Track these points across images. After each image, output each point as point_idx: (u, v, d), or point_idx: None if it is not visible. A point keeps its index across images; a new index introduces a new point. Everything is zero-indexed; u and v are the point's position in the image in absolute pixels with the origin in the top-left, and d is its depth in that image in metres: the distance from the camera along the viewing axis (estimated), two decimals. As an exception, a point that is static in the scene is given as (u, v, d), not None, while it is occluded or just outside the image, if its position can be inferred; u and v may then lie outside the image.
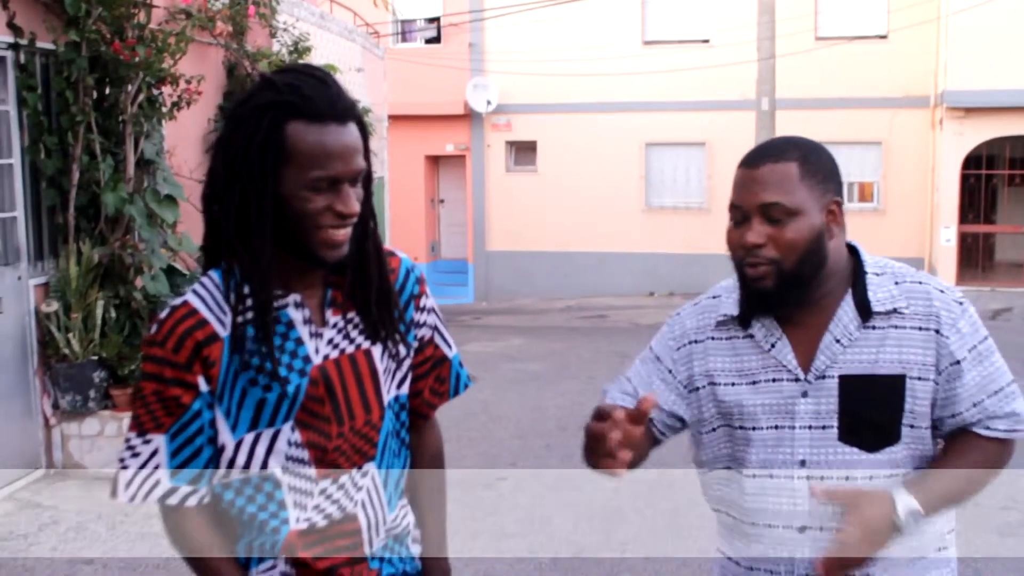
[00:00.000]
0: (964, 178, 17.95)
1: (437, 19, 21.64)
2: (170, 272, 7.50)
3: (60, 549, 5.72)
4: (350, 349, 2.00)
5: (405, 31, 22.08)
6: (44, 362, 6.82)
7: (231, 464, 1.95)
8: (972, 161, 17.96)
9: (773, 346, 2.11)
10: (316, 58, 10.06)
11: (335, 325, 1.99)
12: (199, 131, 8.71)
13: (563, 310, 18.63)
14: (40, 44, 6.65)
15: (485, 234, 21.55)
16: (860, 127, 19.03)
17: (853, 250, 2.14)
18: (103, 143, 6.98)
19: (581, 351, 13.15)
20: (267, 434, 1.94)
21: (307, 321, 1.96)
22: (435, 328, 2.18)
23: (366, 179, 1.94)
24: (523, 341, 14.12)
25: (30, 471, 6.76)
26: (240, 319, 1.90)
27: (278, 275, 1.92)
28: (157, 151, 7.63)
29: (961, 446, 2.09)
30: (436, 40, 21.78)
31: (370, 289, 1.98)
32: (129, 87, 7.06)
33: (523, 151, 21.39)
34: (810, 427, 2.08)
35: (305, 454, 1.96)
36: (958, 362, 2.04)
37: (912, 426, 2.06)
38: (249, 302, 1.90)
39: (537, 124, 20.94)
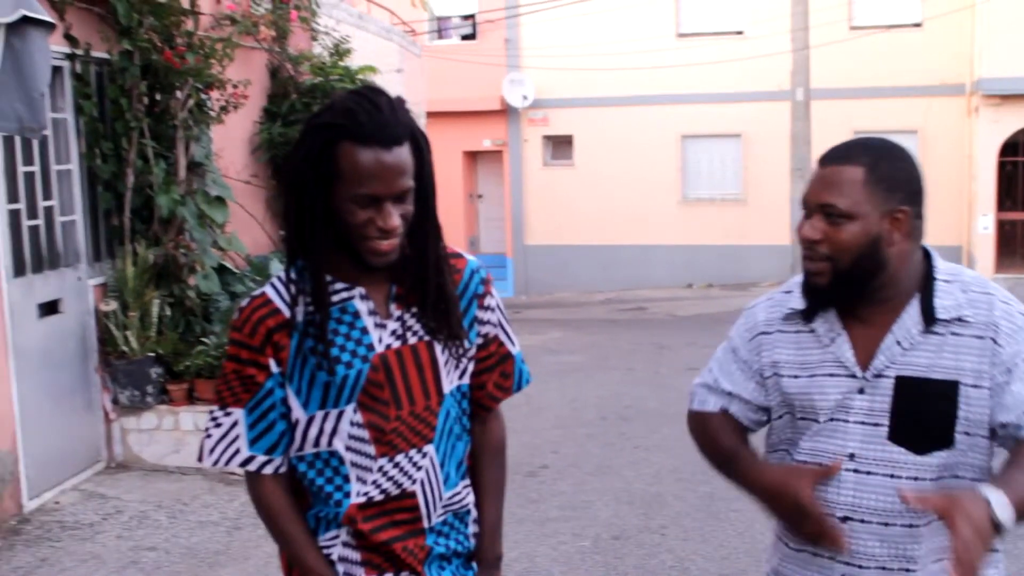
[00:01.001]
0: (1001, 165, 17.90)
1: (473, 16, 21.83)
2: (221, 271, 7.77)
3: (124, 537, 6.00)
4: (412, 340, 2.18)
5: (441, 28, 22.29)
6: (104, 359, 7.09)
7: (304, 438, 2.16)
8: (1008, 148, 17.91)
9: (832, 341, 2.17)
10: (355, 59, 10.28)
11: (398, 318, 2.17)
12: (245, 134, 8.97)
13: (602, 303, 18.79)
14: (95, 54, 6.92)
15: (524, 228, 21.74)
16: (896, 116, 19.03)
17: (928, 255, 2.18)
18: (155, 147, 7.25)
19: (620, 343, 13.33)
20: (333, 413, 2.14)
21: (372, 312, 2.15)
22: (499, 325, 2.34)
23: (422, 194, 2.12)
24: (563, 334, 14.31)
25: (93, 464, 7.04)
26: (305, 310, 2.12)
27: (344, 271, 2.13)
28: (206, 154, 7.89)
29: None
30: (472, 37, 21.97)
31: (428, 295, 2.16)
32: (179, 93, 7.33)
33: (560, 145, 21.54)
34: (863, 423, 2.13)
35: (365, 433, 2.15)
36: (1009, 371, 2.07)
37: (968, 433, 2.09)
38: (310, 296, 2.12)
39: (573, 118, 21.08)
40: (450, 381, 2.23)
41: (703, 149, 20.64)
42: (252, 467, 2.17)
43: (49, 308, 6.65)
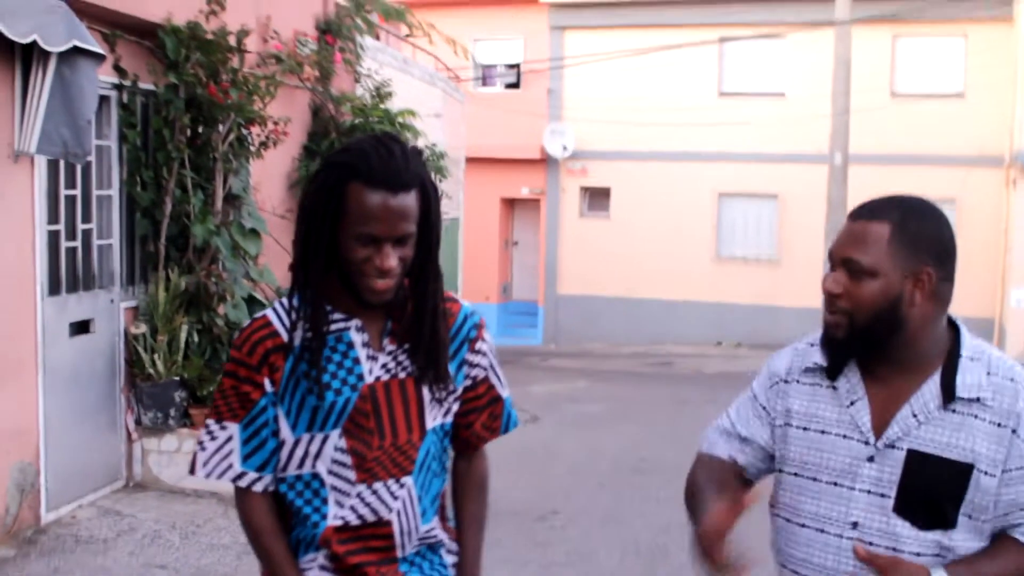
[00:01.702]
0: (1037, 239, 17.87)
1: (517, 65, 22.15)
2: (250, 301, 7.94)
3: (136, 554, 6.14)
4: (401, 375, 2.28)
5: (486, 76, 22.62)
6: (130, 380, 7.27)
7: (289, 459, 2.27)
8: (1046, 222, 17.88)
9: (852, 404, 2.14)
10: (397, 102, 10.51)
11: (390, 352, 2.28)
12: (284, 169, 9.20)
13: (630, 356, 18.86)
14: (142, 85, 7.17)
15: (557, 277, 21.88)
16: (933, 184, 18.99)
17: (955, 328, 2.15)
18: (194, 178, 7.47)
19: (643, 396, 13.39)
20: (319, 437, 2.24)
21: (366, 344, 2.26)
22: (489, 369, 2.44)
23: (426, 241, 2.22)
24: (587, 384, 14.39)
25: (112, 482, 7.20)
26: (302, 336, 2.23)
27: (343, 303, 2.25)
28: (244, 187, 8.10)
29: (1004, 546, 2.08)
30: (516, 86, 22.27)
31: (422, 337, 2.26)
32: (221, 127, 7.55)
33: (597, 197, 21.72)
34: (869, 492, 2.10)
35: (348, 459, 2.24)
36: (1021, 468, 2.05)
37: (970, 516, 2.06)
38: (308, 323, 2.23)
39: (612, 171, 21.27)
40: (433, 418, 2.32)
41: (739, 208, 20.74)
42: (243, 483, 2.27)
43: (80, 327, 6.85)
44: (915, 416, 2.08)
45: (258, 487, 2.28)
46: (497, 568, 6.05)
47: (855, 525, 2.10)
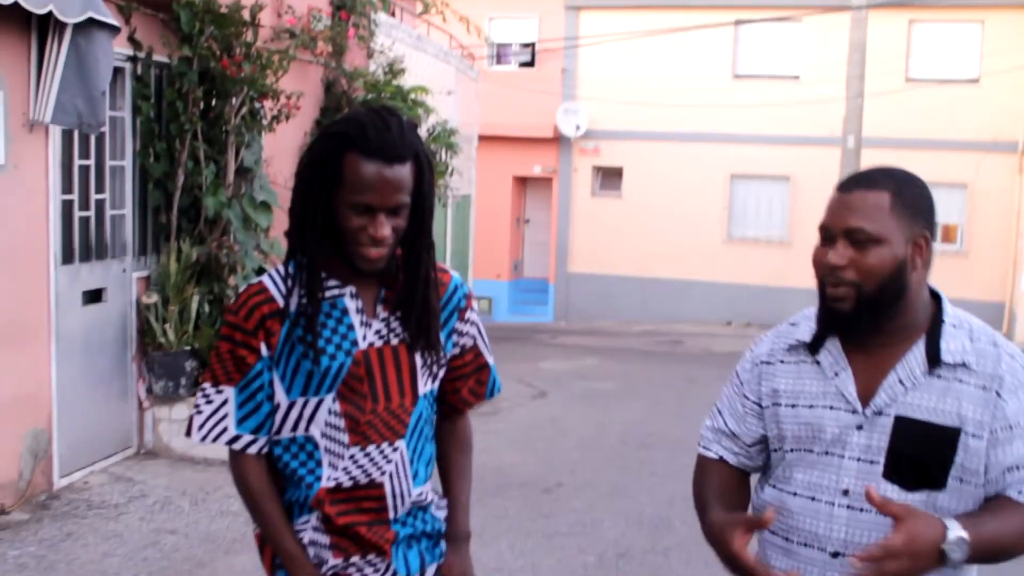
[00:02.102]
0: (1049, 224, 17.87)
1: (532, 44, 22.14)
2: (260, 273, 8.01)
3: (147, 519, 6.24)
4: (394, 341, 2.34)
5: (500, 54, 22.62)
6: (141, 349, 7.37)
7: (283, 422, 2.31)
8: (1059, 208, 17.87)
9: (836, 375, 2.17)
10: (410, 79, 10.56)
11: (383, 319, 2.33)
12: (295, 143, 9.26)
13: (639, 334, 18.91)
14: (156, 57, 7.24)
15: (568, 255, 21.93)
16: (946, 169, 19.03)
17: (937, 298, 2.19)
18: (207, 151, 7.54)
19: (652, 374, 13.46)
20: (313, 401, 2.29)
21: (360, 311, 2.31)
22: (477, 337, 2.52)
23: (419, 212, 2.29)
24: (597, 361, 14.46)
25: (123, 449, 7.31)
26: (298, 302, 2.28)
27: (338, 271, 2.29)
28: (256, 160, 8.18)
29: (997, 504, 2.10)
30: (530, 64, 22.27)
31: (414, 305, 2.32)
32: (233, 100, 7.62)
33: (609, 176, 21.74)
34: (859, 459, 2.13)
35: (341, 422, 2.29)
36: (1010, 427, 2.08)
37: (961, 480, 2.09)
38: (303, 289, 2.28)
39: (624, 151, 21.28)
40: (424, 384, 2.38)
41: (751, 189, 20.75)
42: (238, 446, 2.31)
43: (93, 296, 6.94)
44: (901, 383, 2.11)
45: (252, 450, 2.32)
46: (501, 537, 6.17)
47: (846, 492, 2.13)
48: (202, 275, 7.52)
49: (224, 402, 2.30)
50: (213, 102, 7.59)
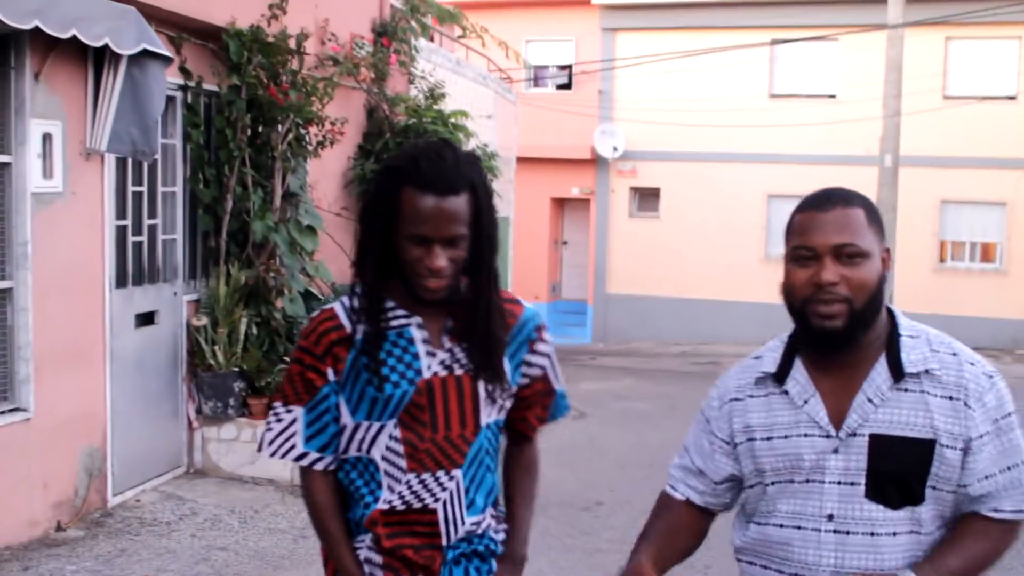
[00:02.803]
0: (1090, 242, 17.76)
1: (569, 66, 22.32)
2: (307, 296, 8.21)
3: (198, 537, 6.41)
4: (458, 372, 2.39)
5: (537, 77, 22.81)
6: (191, 371, 7.56)
7: (348, 442, 2.41)
8: (1100, 226, 17.77)
9: (806, 402, 2.19)
10: (450, 103, 10.74)
11: (449, 350, 2.39)
12: (339, 168, 9.46)
13: (677, 355, 18.95)
14: (205, 86, 7.46)
15: (606, 277, 22.02)
16: (984, 187, 18.98)
17: (890, 313, 2.22)
18: (254, 176, 7.74)
19: (690, 394, 13.48)
20: (376, 425, 2.37)
21: (426, 341, 2.38)
22: (547, 368, 2.55)
23: (478, 243, 2.33)
24: (634, 382, 14.54)
25: (173, 468, 7.49)
26: (364, 329, 2.37)
27: (405, 300, 2.38)
28: (301, 185, 8.37)
29: (968, 528, 2.15)
30: (567, 87, 22.44)
31: (477, 336, 2.38)
32: (280, 127, 7.82)
33: (646, 197, 21.83)
34: (839, 482, 2.14)
35: (401, 448, 2.37)
36: (981, 436, 2.11)
37: (935, 488, 2.12)
38: (365, 318, 2.37)
39: (661, 171, 21.37)
40: (487, 415, 2.43)
41: (788, 209, 20.09)
42: (305, 462, 2.42)
43: (146, 319, 7.14)
44: (870, 401, 2.13)
45: (319, 467, 2.42)
46: (542, 554, 6.27)
47: (830, 517, 2.15)
48: (250, 298, 7.69)
49: (293, 421, 2.41)
50: (260, 129, 7.79)
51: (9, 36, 5.72)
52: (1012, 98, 19.18)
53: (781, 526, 2.20)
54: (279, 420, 2.43)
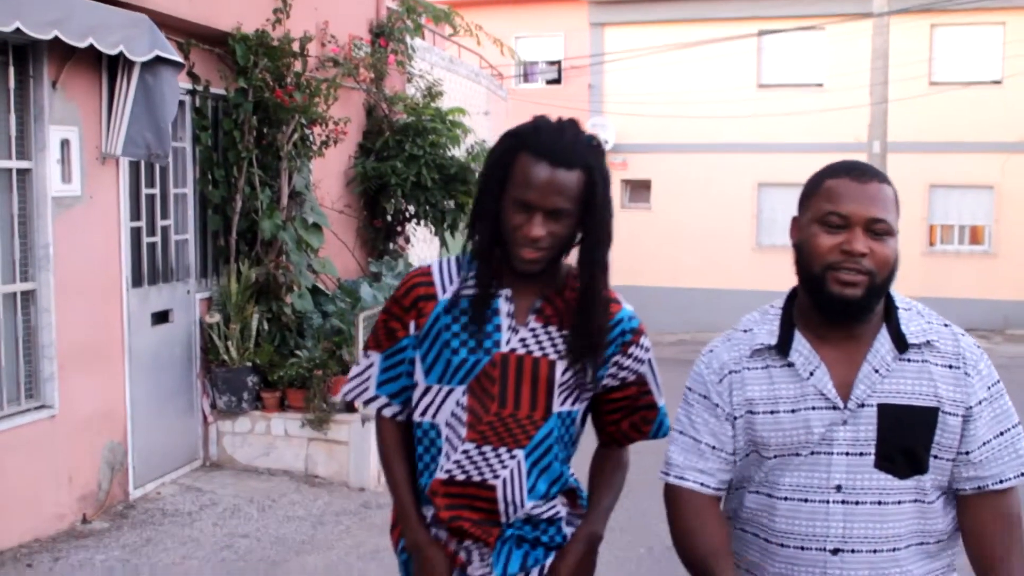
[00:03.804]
0: (1077, 224, 18.04)
1: (558, 62, 22.54)
2: (314, 291, 8.43)
3: (219, 525, 6.62)
4: (537, 353, 2.37)
5: (527, 73, 23.03)
6: (205, 366, 7.77)
7: (417, 404, 2.43)
8: (1086, 207, 18.05)
9: (812, 374, 2.17)
10: (446, 101, 10.94)
11: (532, 329, 2.38)
12: (341, 167, 9.66)
13: (673, 343, 19.18)
14: (213, 90, 7.66)
15: (599, 268, 22.23)
16: (972, 171, 19.26)
17: None
18: (262, 176, 7.95)
19: (684, 380, 13.73)
20: (445, 389, 2.39)
21: (510, 315, 2.38)
22: (642, 375, 2.50)
23: (588, 227, 2.33)
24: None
25: (190, 461, 7.70)
26: (456, 291, 2.40)
27: (500, 272, 2.37)
28: (306, 184, 8.57)
29: (991, 522, 2.18)
30: (557, 81, 22.66)
31: (582, 325, 2.36)
32: (286, 128, 8.02)
33: (638, 189, 22.07)
34: (847, 453, 2.14)
35: (464, 416, 2.37)
36: (979, 402, 2.16)
37: (937, 456, 2.15)
38: (470, 280, 2.40)
39: (652, 163, 21.61)
40: (561, 403, 2.40)
41: (779, 197, 21.00)
42: (376, 405, 2.49)
43: (161, 317, 7.35)
44: (876, 371, 2.14)
45: (387, 412, 2.49)
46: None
47: (838, 488, 2.14)
48: (260, 294, 7.90)
49: (370, 366, 2.49)
50: (266, 130, 7.98)
51: (27, 46, 5.93)
52: (997, 82, 19.45)
53: (785, 499, 2.19)
54: (359, 366, 2.52)
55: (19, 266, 6.05)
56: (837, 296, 2.11)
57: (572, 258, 2.43)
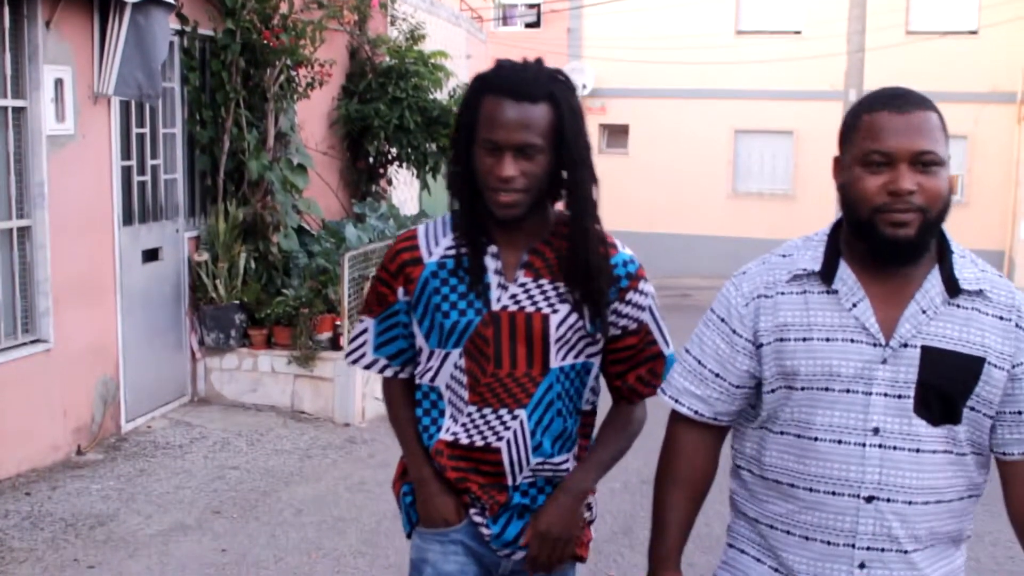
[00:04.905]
0: (1047, 173, 18.31)
1: (538, 5, 22.53)
2: (299, 231, 8.58)
3: (210, 457, 6.82)
4: (529, 309, 2.29)
5: (506, 16, 23.01)
6: (193, 304, 7.93)
7: (423, 368, 2.39)
8: (1056, 157, 18.33)
9: (855, 305, 2.02)
10: (427, 44, 11.02)
11: (523, 285, 2.30)
12: (325, 109, 9.76)
13: (648, 288, 19.43)
14: (201, 31, 7.74)
15: (576, 213, 22.40)
16: (946, 121, 19.39)
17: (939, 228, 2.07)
18: (248, 117, 8.06)
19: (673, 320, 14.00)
20: (442, 352, 2.34)
21: (498, 272, 2.30)
22: (648, 322, 2.39)
23: (564, 162, 2.23)
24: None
25: (179, 397, 7.89)
26: (442, 252, 2.34)
27: (484, 228, 2.30)
28: (291, 125, 8.69)
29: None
30: (536, 25, 22.67)
31: (576, 267, 2.28)
32: (271, 69, 8.12)
33: (616, 134, 22.19)
34: (886, 395, 2.00)
35: (464, 378, 2.32)
36: None
37: (973, 408, 2.01)
38: (455, 240, 2.33)
39: (630, 108, 21.71)
40: (560, 357, 2.31)
41: (755, 144, 21.21)
42: (374, 369, 2.47)
43: (151, 255, 7.49)
44: (924, 312, 2.00)
45: (388, 372, 2.46)
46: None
47: (876, 431, 2.00)
48: (248, 234, 8.05)
49: (364, 330, 2.46)
50: (252, 72, 8.08)
51: (21, -14, 6.01)
52: (974, 32, 19.62)
53: (816, 439, 2.04)
54: (355, 330, 2.51)
55: (15, 203, 6.18)
56: (890, 238, 1.96)
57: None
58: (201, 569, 5.07)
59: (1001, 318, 2.01)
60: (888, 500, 2.00)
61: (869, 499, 2.01)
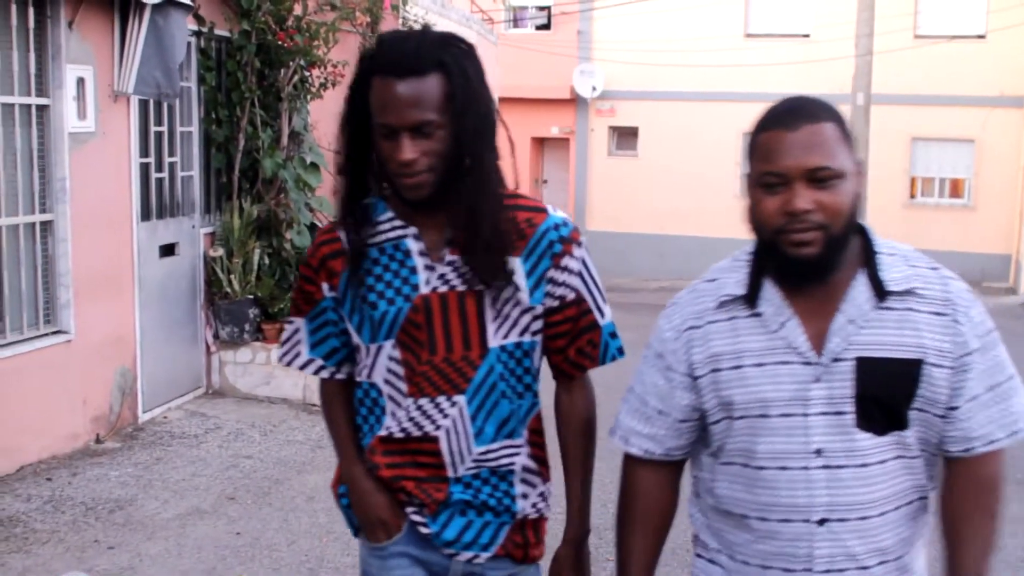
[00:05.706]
0: (1054, 177, 18.41)
1: (548, 7, 22.70)
2: (312, 229, 8.76)
3: (224, 447, 7.01)
4: (460, 287, 2.13)
5: (517, 18, 23.19)
6: (209, 298, 8.12)
7: (360, 365, 2.25)
8: (1063, 161, 18.43)
9: (782, 326, 1.96)
10: (439, 46, 11.18)
11: (450, 263, 2.14)
12: (338, 108, 9.83)
13: (656, 290, 19.57)
14: (218, 32, 7.94)
15: (585, 214, 22.57)
16: (953, 125, 19.59)
17: (862, 230, 2.01)
18: (263, 116, 8.25)
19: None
20: (374, 347, 2.19)
21: (423, 253, 2.15)
22: (582, 289, 2.22)
23: (463, 133, 2.04)
24: (615, 314, 15.11)
25: (194, 389, 8.08)
26: (364, 242, 2.18)
27: (402, 209, 2.16)
28: (304, 125, 8.88)
29: (967, 500, 2.01)
30: (546, 27, 22.83)
31: (470, 239, 2.11)
32: (285, 70, 8.31)
33: (625, 136, 22.35)
34: (824, 413, 1.93)
35: (401, 370, 2.17)
36: (970, 352, 1.95)
37: (921, 410, 1.95)
38: (373, 228, 2.18)
39: (640, 110, 21.87)
40: (499, 336, 2.17)
41: (764, 146, 21.29)
42: (309, 370, 2.32)
43: (167, 250, 7.69)
44: (852, 322, 1.93)
45: (324, 374, 2.32)
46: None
47: (819, 452, 1.94)
48: (262, 230, 8.24)
49: (296, 331, 2.32)
50: (267, 72, 8.28)
51: (45, -13, 6.21)
52: (981, 37, 19.75)
53: (762, 468, 1.98)
54: (288, 331, 2.36)
55: (38, 198, 6.38)
56: (793, 258, 1.92)
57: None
58: (216, 551, 5.25)
59: (937, 314, 1.95)
60: (841, 520, 1.95)
61: (821, 522, 1.96)
